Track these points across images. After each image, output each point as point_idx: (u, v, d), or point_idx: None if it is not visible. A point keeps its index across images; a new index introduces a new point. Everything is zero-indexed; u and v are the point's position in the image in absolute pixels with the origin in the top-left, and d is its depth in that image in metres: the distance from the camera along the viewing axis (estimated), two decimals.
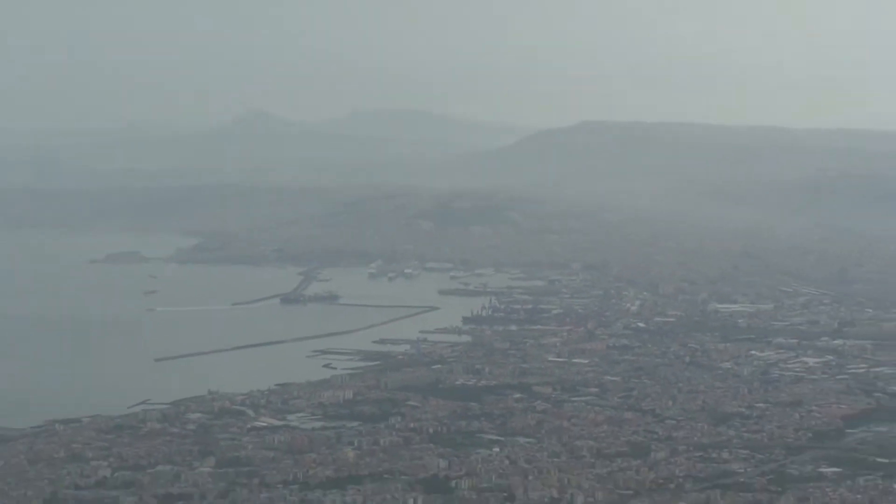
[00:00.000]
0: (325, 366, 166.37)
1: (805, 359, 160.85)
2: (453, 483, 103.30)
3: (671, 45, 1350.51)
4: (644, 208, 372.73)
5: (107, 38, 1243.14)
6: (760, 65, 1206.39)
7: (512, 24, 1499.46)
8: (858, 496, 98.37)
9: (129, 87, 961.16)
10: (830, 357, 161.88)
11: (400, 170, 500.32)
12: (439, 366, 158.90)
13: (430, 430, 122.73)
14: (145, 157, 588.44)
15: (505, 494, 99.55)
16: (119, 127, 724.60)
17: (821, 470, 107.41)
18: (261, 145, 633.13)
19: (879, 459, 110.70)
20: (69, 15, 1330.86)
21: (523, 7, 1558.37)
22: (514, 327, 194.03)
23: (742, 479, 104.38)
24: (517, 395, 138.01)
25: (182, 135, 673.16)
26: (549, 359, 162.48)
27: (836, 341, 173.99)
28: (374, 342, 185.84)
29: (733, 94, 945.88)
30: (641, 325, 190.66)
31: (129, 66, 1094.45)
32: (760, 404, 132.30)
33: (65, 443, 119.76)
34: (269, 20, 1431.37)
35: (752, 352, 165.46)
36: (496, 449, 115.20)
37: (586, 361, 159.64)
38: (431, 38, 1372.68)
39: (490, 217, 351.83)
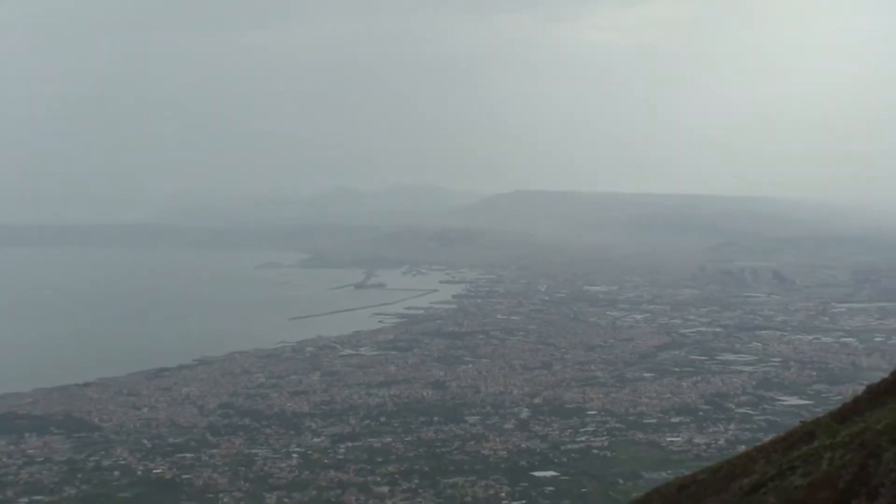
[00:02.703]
0: (379, 321, 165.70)
1: (635, 315, 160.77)
2: (447, 384, 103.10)
3: (566, 135, 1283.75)
4: (550, 236, 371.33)
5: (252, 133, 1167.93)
6: (613, 148, 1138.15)
7: (471, 117, 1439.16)
8: (663, 388, 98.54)
9: (263, 166, 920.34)
10: (648, 314, 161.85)
11: (415, 216, 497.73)
12: (440, 320, 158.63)
13: (435, 355, 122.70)
14: (278, 210, 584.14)
15: (475, 389, 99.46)
16: (261, 191, 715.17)
17: (644, 375, 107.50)
18: (342, 204, 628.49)
19: (674, 369, 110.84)
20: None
21: (475, 112, 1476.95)
22: (479, 300, 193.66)
23: (602, 381, 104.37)
24: (481, 336, 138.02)
25: (298, 197, 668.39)
26: (498, 316, 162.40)
27: (651, 306, 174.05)
28: (405, 308, 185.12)
29: (598, 169, 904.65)
30: (547, 298, 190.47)
31: (272, 152, 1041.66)
32: (611, 340, 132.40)
33: (239, 363, 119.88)
34: (346, 120, 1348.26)
35: (607, 312, 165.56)
36: (470, 365, 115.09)
37: (518, 318, 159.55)
38: (425, 135, 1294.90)
39: (466, 241, 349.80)
